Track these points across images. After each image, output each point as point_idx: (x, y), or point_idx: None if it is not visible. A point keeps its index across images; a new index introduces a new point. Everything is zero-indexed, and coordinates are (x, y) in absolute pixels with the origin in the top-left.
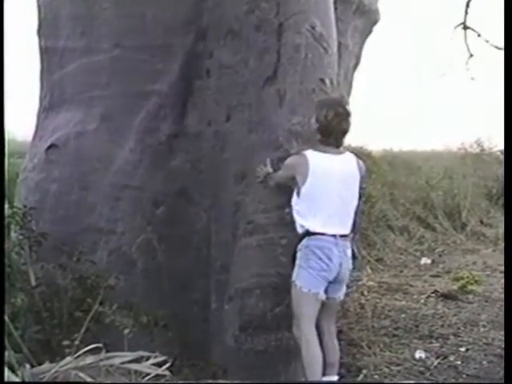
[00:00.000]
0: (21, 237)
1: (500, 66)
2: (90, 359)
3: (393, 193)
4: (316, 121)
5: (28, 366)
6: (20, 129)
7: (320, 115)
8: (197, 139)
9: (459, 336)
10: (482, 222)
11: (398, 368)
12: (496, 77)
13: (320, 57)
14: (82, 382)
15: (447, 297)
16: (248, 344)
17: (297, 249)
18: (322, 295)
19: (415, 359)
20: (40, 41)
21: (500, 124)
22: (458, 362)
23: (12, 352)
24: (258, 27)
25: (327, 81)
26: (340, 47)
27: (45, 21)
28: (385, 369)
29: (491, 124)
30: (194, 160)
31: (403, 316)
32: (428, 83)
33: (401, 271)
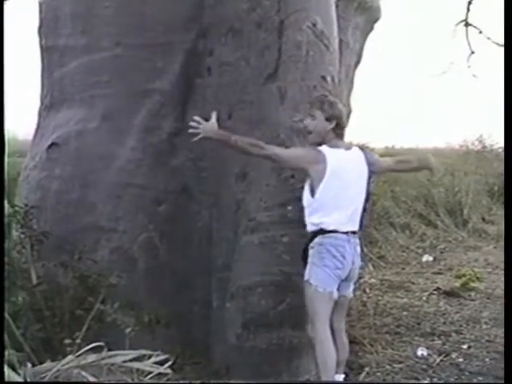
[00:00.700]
0: (22, 235)
1: (501, 63)
2: (92, 358)
3: (394, 190)
4: (331, 118)
5: (29, 365)
6: (21, 128)
7: (336, 111)
8: None
9: (461, 333)
10: (484, 219)
11: (400, 366)
12: (497, 74)
13: (321, 54)
14: (85, 382)
15: (449, 294)
16: (250, 342)
17: (308, 247)
18: (336, 294)
19: (417, 357)
20: (40, 39)
21: (501, 121)
22: (461, 360)
23: (13, 351)
24: (259, 25)
25: (328, 78)
26: (341, 45)
27: (45, 19)
28: (387, 366)
29: (493, 121)
30: (196, 158)
31: (405, 313)
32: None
33: (403, 268)
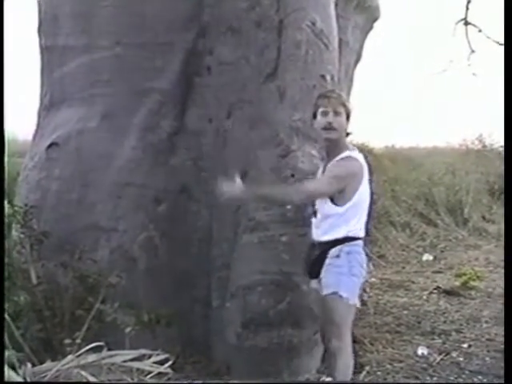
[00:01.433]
0: (22, 235)
1: (501, 62)
2: (92, 358)
3: (394, 189)
4: (349, 116)
5: (29, 365)
6: (21, 128)
7: (350, 109)
8: (198, 136)
9: (461, 332)
10: (484, 218)
11: (401, 365)
12: (497, 73)
13: (320, 53)
14: (85, 382)
15: (449, 293)
16: (250, 341)
17: (325, 257)
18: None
19: (418, 356)
20: (40, 39)
21: (502, 120)
22: (461, 359)
23: (13, 351)
24: (259, 24)
25: (328, 77)
26: (341, 44)
27: (45, 19)
28: (387, 365)
29: (493, 120)
30: (196, 157)
31: (405, 312)
32: (429, 79)
33: (403, 267)
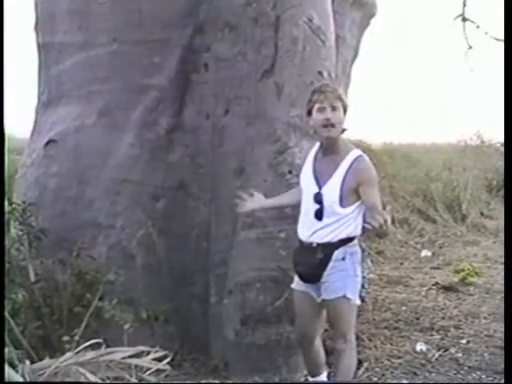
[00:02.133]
0: (20, 233)
1: (499, 58)
2: (91, 354)
3: (393, 185)
4: (346, 111)
5: (28, 362)
6: (19, 126)
7: (347, 105)
8: (195, 133)
9: (460, 328)
10: (483, 214)
11: (399, 361)
12: (495, 68)
13: (318, 49)
14: (83, 382)
15: (448, 289)
16: (248, 338)
17: (330, 259)
18: None
19: (416, 352)
20: (37, 36)
21: (499, 116)
22: (459, 355)
23: (12, 348)
24: (256, 20)
25: (325, 73)
26: (338, 40)
27: (41, 16)
28: (386, 361)
29: (491, 116)
30: (193, 154)
31: (404, 308)
32: (427, 76)
33: (401, 264)
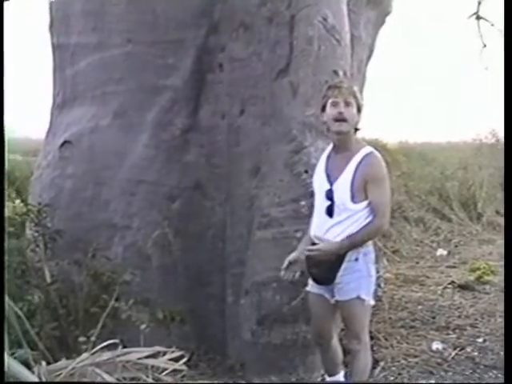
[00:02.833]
0: (36, 234)
1: None
2: (107, 355)
3: (408, 184)
4: (360, 109)
5: (44, 363)
6: (34, 127)
7: (361, 103)
8: (210, 133)
9: (476, 327)
10: (498, 213)
11: (416, 360)
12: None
13: (333, 48)
14: (102, 383)
15: (464, 288)
16: (265, 338)
17: (345, 259)
18: None
19: (432, 351)
20: (52, 38)
21: None
22: (476, 353)
23: (28, 349)
24: (270, 20)
25: (340, 72)
26: (353, 39)
27: (56, 17)
28: (402, 361)
29: None
30: (209, 154)
31: (420, 307)
32: (442, 74)
33: (417, 262)
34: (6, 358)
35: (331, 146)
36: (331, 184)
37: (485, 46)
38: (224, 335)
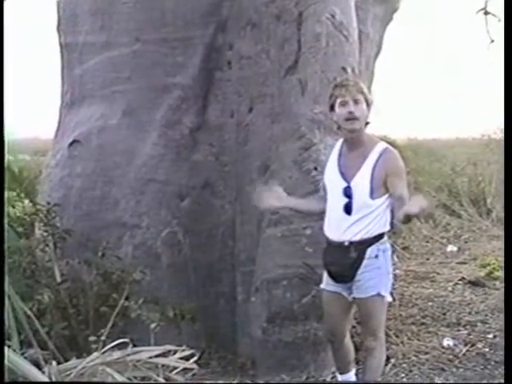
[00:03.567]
0: (45, 233)
1: None
2: (117, 354)
3: (417, 181)
4: (370, 104)
5: (54, 363)
6: (43, 127)
7: (370, 99)
8: (219, 131)
9: (487, 323)
10: None
11: (427, 356)
12: None
13: (341, 45)
14: (112, 382)
15: (474, 284)
16: (276, 335)
17: (364, 258)
18: None
19: (443, 347)
20: (60, 37)
21: None
22: (486, 349)
23: (38, 349)
24: (278, 17)
25: (349, 69)
26: (361, 36)
27: (64, 17)
28: (413, 357)
29: None
30: (218, 152)
31: (430, 304)
32: (450, 70)
33: (427, 259)
34: (17, 358)
35: (340, 143)
36: (348, 182)
37: (492, 42)
38: (234, 333)
